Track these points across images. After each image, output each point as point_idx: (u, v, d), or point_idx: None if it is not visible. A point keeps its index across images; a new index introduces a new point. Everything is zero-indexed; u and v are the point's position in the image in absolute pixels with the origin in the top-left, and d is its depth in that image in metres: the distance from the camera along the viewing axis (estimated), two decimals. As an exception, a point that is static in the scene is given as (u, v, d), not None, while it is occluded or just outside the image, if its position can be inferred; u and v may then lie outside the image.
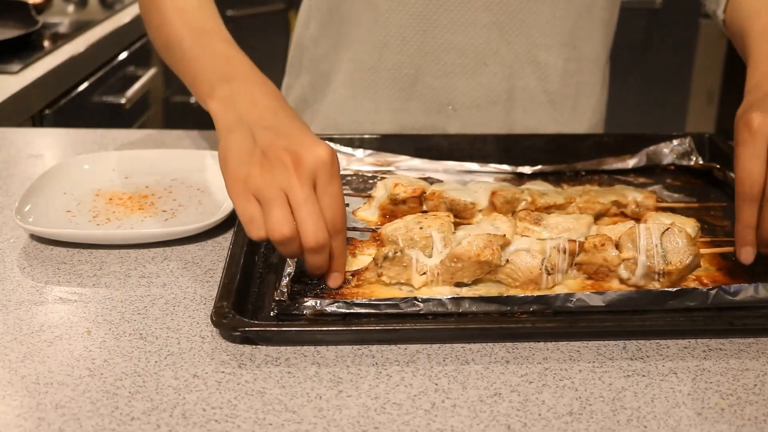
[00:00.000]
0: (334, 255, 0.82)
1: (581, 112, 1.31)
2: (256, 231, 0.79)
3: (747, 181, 0.83)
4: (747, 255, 0.86)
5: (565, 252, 0.84)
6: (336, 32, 1.27)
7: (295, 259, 0.84)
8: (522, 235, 0.89)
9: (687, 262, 0.83)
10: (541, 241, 0.86)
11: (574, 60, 1.26)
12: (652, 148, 1.15)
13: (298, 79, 1.36)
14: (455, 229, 0.89)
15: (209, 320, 0.78)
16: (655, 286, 0.84)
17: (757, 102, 0.87)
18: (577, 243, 0.85)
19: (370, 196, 1.03)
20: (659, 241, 0.84)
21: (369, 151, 1.14)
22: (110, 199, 1.05)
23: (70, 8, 2.21)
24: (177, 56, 0.99)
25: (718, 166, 1.10)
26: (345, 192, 1.05)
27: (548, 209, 0.98)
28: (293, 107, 1.37)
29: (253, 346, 0.76)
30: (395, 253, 0.83)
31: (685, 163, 1.15)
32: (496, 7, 1.20)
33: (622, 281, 0.85)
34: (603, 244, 0.84)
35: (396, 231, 0.88)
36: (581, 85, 1.29)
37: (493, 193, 1.00)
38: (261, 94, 0.88)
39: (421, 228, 0.88)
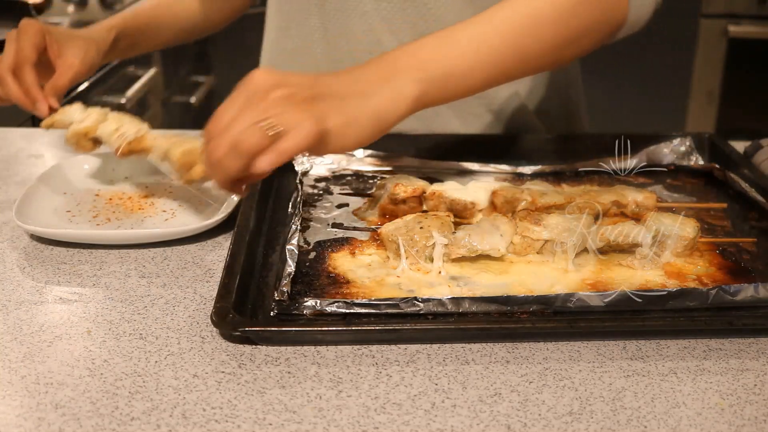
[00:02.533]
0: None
1: (498, 100, 1.27)
2: None
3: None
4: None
5: None
6: None
7: (295, 259, 0.84)
8: (522, 235, 0.89)
9: None
10: None
11: None
12: (652, 148, 1.15)
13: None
14: (455, 229, 0.89)
15: (209, 320, 0.78)
16: None
17: None
18: None
19: (370, 196, 1.03)
20: None
21: (369, 151, 1.14)
22: (110, 199, 1.05)
23: (70, 8, 2.21)
24: None
25: (718, 166, 1.10)
26: (345, 192, 1.06)
27: (548, 209, 0.98)
28: None
29: (253, 346, 0.76)
30: None
31: (685, 163, 1.15)
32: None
33: None
34: None
35: (396, 231, 0.88)
36: None
37: (493, 193, 1.00)
38: None
39: (421, 228, 0.88)
